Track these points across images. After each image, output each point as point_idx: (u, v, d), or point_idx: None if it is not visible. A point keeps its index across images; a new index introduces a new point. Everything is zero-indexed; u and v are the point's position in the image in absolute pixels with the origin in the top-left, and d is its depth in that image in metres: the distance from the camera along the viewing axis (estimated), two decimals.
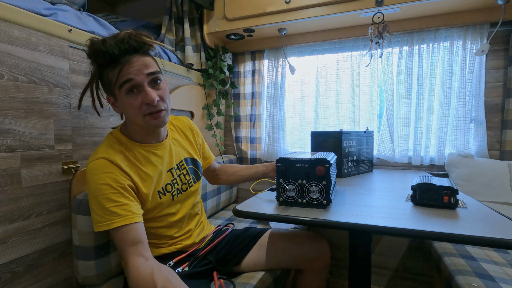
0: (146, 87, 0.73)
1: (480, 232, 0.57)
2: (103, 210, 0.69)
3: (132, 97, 0.73)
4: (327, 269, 1.01)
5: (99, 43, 0.70)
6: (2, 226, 0.75)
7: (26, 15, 0.81)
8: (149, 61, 0.75)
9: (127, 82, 0.71)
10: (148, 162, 0.81)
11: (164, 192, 0.83)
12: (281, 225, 1.24)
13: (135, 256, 0.67)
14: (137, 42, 0.72)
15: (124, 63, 0.71)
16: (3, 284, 0.75)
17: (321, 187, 0.75)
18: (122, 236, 0.68)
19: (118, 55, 0.70)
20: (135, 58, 0.72)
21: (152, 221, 0.82)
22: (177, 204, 0.87)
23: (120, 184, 0.71)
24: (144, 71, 0.72)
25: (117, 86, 0.72)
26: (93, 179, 0.70)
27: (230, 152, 1.88)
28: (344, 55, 1.55)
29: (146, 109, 0.74)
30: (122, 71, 0.71)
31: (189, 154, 0.96)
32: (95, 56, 0.72)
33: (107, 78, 0.74)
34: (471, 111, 1.33)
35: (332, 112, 1.59)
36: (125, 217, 0.69)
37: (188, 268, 0.84)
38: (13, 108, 0.76)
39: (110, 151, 0.75)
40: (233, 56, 1.78)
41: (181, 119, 1.01)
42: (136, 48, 0.73)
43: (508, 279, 0.82)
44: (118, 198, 0.70)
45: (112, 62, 0.71)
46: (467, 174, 1.26)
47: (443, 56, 1.37)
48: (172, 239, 0.87)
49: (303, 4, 1.34)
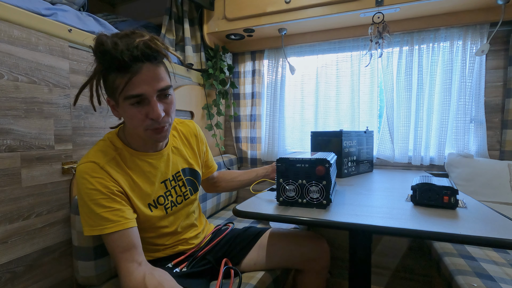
0: (153, 101, 0.66)
1: (480, 232, 0.57)
2: (94, 215, 0.66)
3: (136, 109, 0.66)
4: (327, 269, 1.01)
5: (109, 45, 0.61)
6: (2, 226, 0.75)
7: (26, 15, 0.81)
8: (161, 72, 0.67)
9: (135, 96, 0.65)
10: (140, 172, 0.77)
11: (155, 205, 0.79)
12: (281, 225, 1.24)
13: (127, 262, 0.66)
14: (151, 50, 0.63)
15: (134, 73, 0.63)
16: (3, 284, 0.75)
17: (321, 187, 0.75)
18: (115, 242, 0.66)
19: (128, 63, 0.62)
20: (146, 67, 0.64)
21: (144, 232, 0.79)
22: (170, 217, 0.83)
23: (109, 190, 0.68)
24: (154, 86, 0.66)
25: (122, 96, 0.65)
26: (82, 183, 0.67)
27: (230, 152, 1.88)
28: (344, 55, 1.55)
29: (150, 124, 0.68)
30: (131, 82, 0.63)
31: (188, 164, 0.90)
32: (102, 56, 0.63)
33: (111, 83, 0.66)
34: (471, 111, 1.33)
35: (332, 112, 1.59)
36: (117, 223, 0.66)
37: (186, 268, 0.84)
38: (13, 108, 0.76)
39: (100, 155, 0.71)
40: (233, 56, 1.78)
41: (186, 124, 0.94)
42: (149, 57, 0.64)
43: (508, 279, 0.82)
44: (109, 204, 0.67)
45: (120, 67, 0.63)
46: (467, 174, 1.26)
47: (443, 56, 1.37)
48: (166, 246, 0.85)
49: (303, 4, 1.34)
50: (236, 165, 1.80)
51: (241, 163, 1.83)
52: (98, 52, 0.63)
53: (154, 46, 0.64)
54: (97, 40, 0.63)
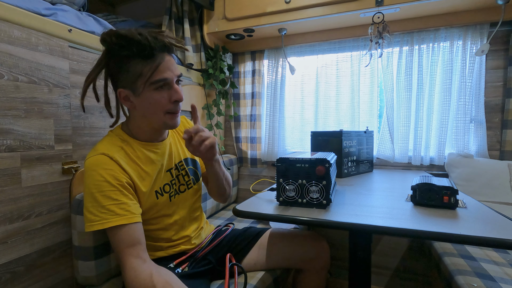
0: (175, 85, 0.74)
1: (480, 232, 0.57)
2: (98, 208, 0.66)
3: (160, 93, 0.72)
4: (326, 268, 1.01)
5: (136, 35, 0.67)
6: (2, 226, 0.75)
7: (26, 15, 0.81)
8: (175, 62, 0.77)
9: (163, 80, 0.71)
10: (148, 160, 0.79)
11: (161, 192, 0.82)
12: (281, 225, 1.24)
13: (132, 257, 0.66)
14: (170, 42, 0.72)
15: (160, 60, 0.71)
16: (3, 284, 0.75)
17: (321, 187, 0.75)
18: (120, 236, 0.66)
19: (156, 51, 0.70)
20: (168, 56, 0.73)
21: (147, 223, 0.80)
22: (173, 206, 0.85)
23: (119, 182, 0.69)
24: (175, 72, 0.74)
25: (150, 82, 0.70)
26: (91, 175, 0.68)
27: (230, 152, 1.88)
28: (344, 55, 1.55)
29: (172, 107, 0.75)
30: (159, 68, 0.70)
31: (189, 154, 0.94)
32: (128, 45, 0.67)
33: (133, 71, 0.70)
34: (471, 111, 1.33)
35: (332, 112, 1.59)
36: (123, 216, 0.67)
37: (188, 269, 0.84)
38: (13, 108, 0.76)
39: (110, 147, 0.73)
40: (233, 56, 1.78)
41: (181, 121, 0.95)
42: (169, 48, 0.73)
43: (508, 279, 0.82)
44: (117, 196, 0.68)
45: (145, 55, 0.69)
46: (467, 174, 1.26)
47: (443, 56, 1.37)
48: (169, 242, 0.85)
49: (303, 4, 1.34)
50: (236, 165, 1.80)
51: (241, 163, 1.83)
52: (122, 41, 0.67)
53: (171, 39, 0.72)
54: (115, 32, 0.68)
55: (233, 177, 1.74)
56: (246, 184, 1.83)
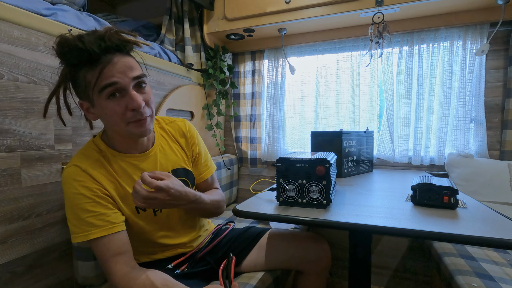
0: (130, 90, 0.64)
1: (480, 232, 0.57)
2: (79, 221, 0.65)
3: (114, 102, 0.64)
4: (327, 270, 1.01)
5: (74, 40, 0.60)
6: (2, 226, 0.75)
7: (26, 15, 0.81)
8: (132, 62, 0.67)
9: (110, 85, 0.62)
10: (127, 176, 0.74)
11: (143, 208, 0.76)
12: (281, 225, 1.24)
13: (120, 265, 0.64)
14: (119, 40, 0.63)
15: (105, 64, 0.62)
16: (3, 284, 0.75)
17: (321, 187, 0.75)
18: (103, 247, 0.64)
19: (98, 54, 0.61)
20: (117, 58, 0.63)
21: (139, 233, 0.78)
22: (160, 220, 0.80)
23: (94, 192, 0.67)
24: (129, 74, 0.64)
25: (97, 90, 0.63)
26: (67, 188, 0.66)
27: (230, 152, 1.88)
28: (344, 55, 1.55)
29: (132, 116, 0.66)
30: (103, 73, 0.61)
31: (180, 164, 0.86)
32: (69, 54, 0.61)
33: (82, 81, 0.63)
34: (471, 111, 1.33)
35: (332, 112, 1.59)
36: (103, 227, 0.65)
37: (187, 269, 0.83)
38: (13, 108, 0.76)
39: (83, 158, 0.70)
40: (233, 56, 1.78)
41: (176, 124, 0.89)
42: (119, 47, 0.64)
43: (508, 279, 0.82)
44: (94, 208, 0.66)
45: (89, 61, 0.62)
46: (467, 174, 1.26)
47: (443, 56, 1.37)
48: (165, 248, 0.83)
49: (303, 4, 1.34)
50: (236, 165, 1.80)
51: (241, 163, 1.83)
52: (64, 50, 0.61)
53: (120, 36, 0.64)
54: (60, 39, 0.61)
55: (233, 177, 1.74)
56: (246, 184, 1.83)
